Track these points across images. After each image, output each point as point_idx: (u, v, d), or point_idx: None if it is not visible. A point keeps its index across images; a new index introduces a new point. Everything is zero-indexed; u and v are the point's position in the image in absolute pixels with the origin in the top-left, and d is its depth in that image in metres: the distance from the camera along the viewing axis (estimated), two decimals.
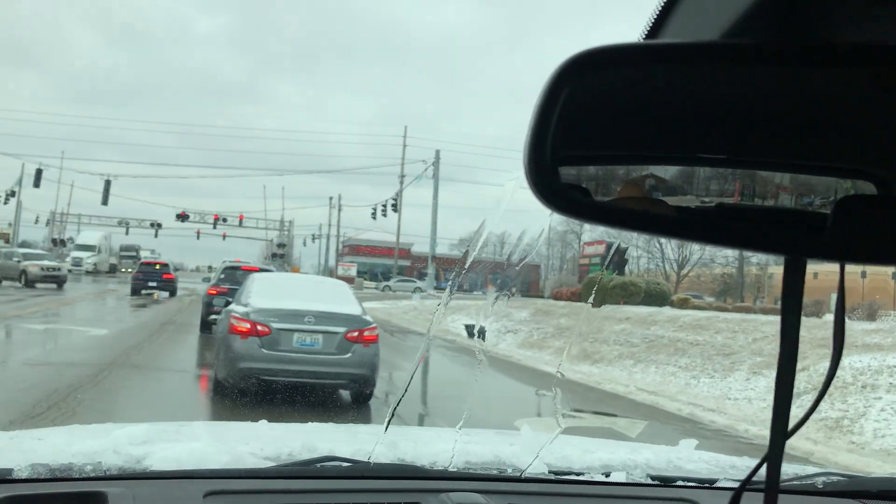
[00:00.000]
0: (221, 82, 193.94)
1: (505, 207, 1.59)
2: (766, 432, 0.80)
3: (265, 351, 8.59)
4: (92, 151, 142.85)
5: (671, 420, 9.99)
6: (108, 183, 50.95)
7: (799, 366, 0.82)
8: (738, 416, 10.89)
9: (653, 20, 0.81)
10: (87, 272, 55.96)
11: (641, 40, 0.83)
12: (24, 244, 60.52)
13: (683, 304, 32.15)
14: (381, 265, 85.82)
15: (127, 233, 76.36)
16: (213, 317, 15.66)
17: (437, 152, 44.44)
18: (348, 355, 8.84)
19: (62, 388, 8.76)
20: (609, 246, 40.76)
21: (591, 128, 0.81)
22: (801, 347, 0.80)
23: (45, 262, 36.37)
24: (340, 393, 9.52)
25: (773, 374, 0.78)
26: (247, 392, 8.47)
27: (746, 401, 12.99)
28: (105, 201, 51.78)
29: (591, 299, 8.33)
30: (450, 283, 1.93)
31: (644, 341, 20.67)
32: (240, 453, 1.76)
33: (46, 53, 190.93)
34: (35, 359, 11.49)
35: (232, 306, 9.58)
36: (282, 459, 1.79)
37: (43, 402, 7.87)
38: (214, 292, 17.06)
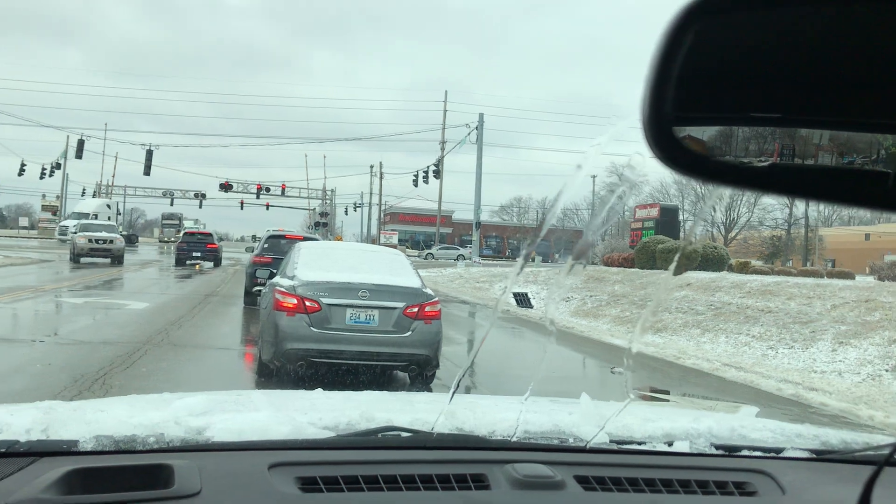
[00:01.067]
0: (256, 53, 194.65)
1: (585, 173, 1.43)
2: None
3: (314, 330, 7.61)
4: (133, 123, 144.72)
5: (773, 402, 8.80)
6: (149, 153, 50.61)
7: None
8: (850, 396, 9.64)
9: None
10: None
11: None
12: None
13: (743, 268, 30.63)
14: (422, 233, 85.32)
15: (172, 203, 76.86)
16: (258, 288, 14.93)
17: (481, 115, 42.96)
18: (408, 334, 7.81)
19: (90, 373, 7.91)
20: (662, 208, 39.18)
21: (712, 82, 0.77)
22: None
23: (96, 234, 32.40)
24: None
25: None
26: (296, 373, 7.56)
27: (836, 374, 11.72)
28: (147, 171, 51.50)
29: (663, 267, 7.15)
30: (524, 252, 1.58)
31: (709, 309, 19.40)
32: (300, 423, 1.73)
33: (85, 29, 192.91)
34: (66, 336, 10.71)
35: (277, 279, 8.61)
36: (340, 429, 1.77)
37: (68, 389, 7.01)
38: (258, 262, 16.30)
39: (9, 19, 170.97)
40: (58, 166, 58.45)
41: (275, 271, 9.70)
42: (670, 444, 1.90)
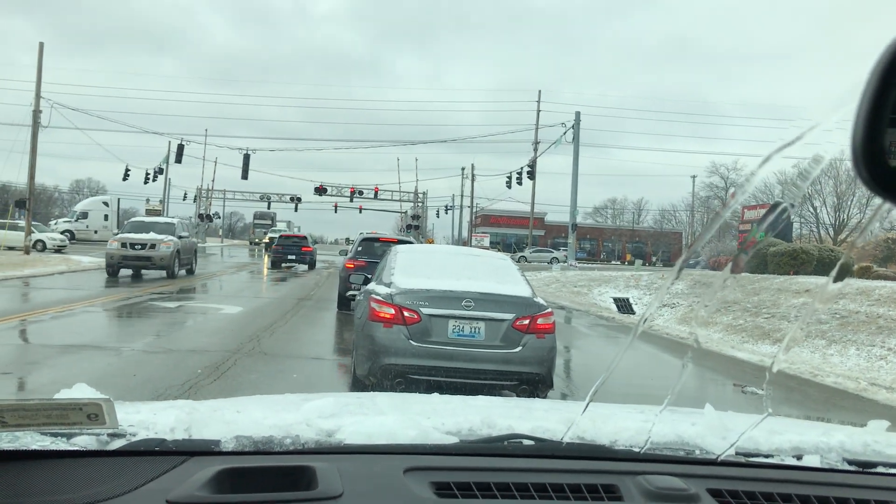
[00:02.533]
0: (344, 57, 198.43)
1: (758, 180, 1.35)
2: None
3: (414, 343, 6.82)
4: (230, 129, 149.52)
5: None
6: (246, 157, 51.43)
7: None
8: None
9: None
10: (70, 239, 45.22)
11: None
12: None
13: (865, 273, 28.35)
14: (513, 235, 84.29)
15: (269, 207, 78.50)
16: (351, 293, 14.40)
17: (577, 114, 41.57)
18: (518, 349, 6.92)
19: (176, 385, 7.37)
20: (773, 208, 36.82)
21: None
22: None
23: (134, 236, 23.32)
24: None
25: None
26: (393, 391, 6.78)
27: None
28: (245, 175, 52.36)
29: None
30: (682, 259, 1.55)
31: (834, 317, 17.72)
32: (425, 428, 1.75)
33: (182, 38, 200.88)
34: (154, 345, 10.31)
35: (372, 285, 7.87)
36: (462, 434, 1.78)
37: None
38: (352, 266, 15.77)
39: (109, 31, 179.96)
40: (160, 171, 60.25)
41: (369, 276, 9.00)
42: (799, 458, 1.83)
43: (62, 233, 45.09)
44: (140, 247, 23.24)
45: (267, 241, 61.73)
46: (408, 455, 1.64)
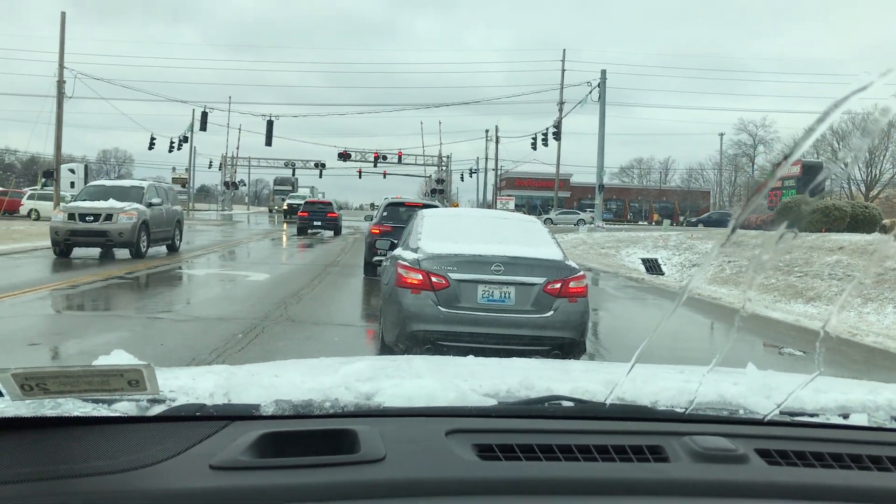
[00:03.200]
0: (362, 21, 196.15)
1: (820, 132, 1.22)
2: None
3: (442, 309, 6.67)
4: (251, 96, 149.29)
5: None
6: (270, 123, 51.29)
7: None
8: None
9: None
10: None
11: None
12: (201, 189, 63.05)
13: None
14: (539, 197, 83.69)
15: (293, 174, 78.63)
16: (377, 258, 14.33)
17: (603, 72, 40.71)
18: (550, 314, 6.75)
19: (203, 356, 7.31)
20: (805, 165, 36.07)
21: None
22: None
23: (84, 206, 18.29)
24: None
25: None
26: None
27: None
28: (269, 142, 52.29)
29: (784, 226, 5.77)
30: (733, 224, 1.32)
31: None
32: (463, 391, 1.74)
33: (198, 4, 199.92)
34: (182, 312, 10.28)
35: (398, 251, 7.72)
36: (501, 396, 1.78)
37: None
38: (377, 231, 15.66)
39: (125, 1, 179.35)
40: (185, 140, 60.32)
41: (395, 241, 8.86)
42: (845, 417, 1.79)
43: (28, 198, 42.91)
44: (92, 218, 17.91)
45: (286, 207, 55.73)
46: (448, 417, 1.63)
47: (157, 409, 1.53)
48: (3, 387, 1.26)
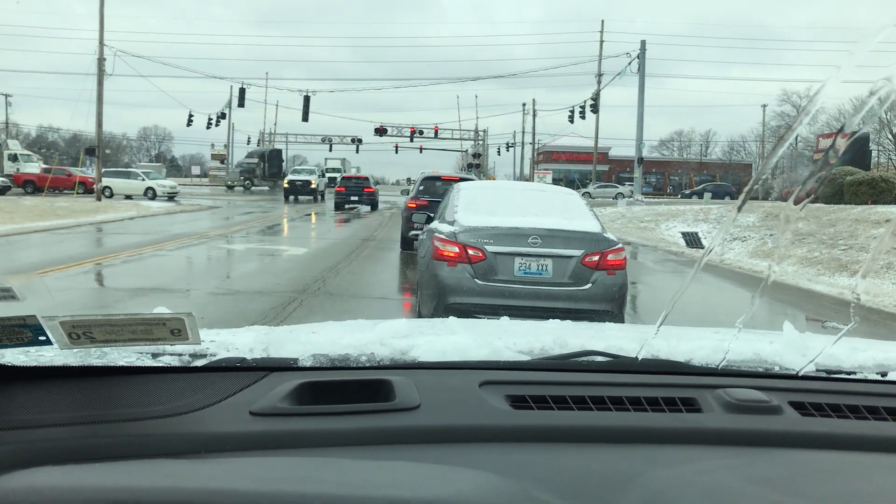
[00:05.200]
0: None
1: (819, 103, 1.28)
2: None
3: (479, 282, 6.65)
4: (285, 72, 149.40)
5: None
6: (307, 99, 51.45)
7: None
8: None
9: None
10: None
11: None
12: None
13: None
14: (576, 171, 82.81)
15: (331, 149, 78.73)
16: (414, 232, 14.35)
17: (643, 42, 40.03)
18: (587, 286, 6.69)
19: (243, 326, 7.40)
20: (852, 136, 35.05)
21: None
22: None
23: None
24: None
25: None
26: None
27: None
28: (305, 117, 52.49)
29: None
30: (747, 190, 1.40)
31: None
32: (497, 347, 1.78)
33: None
34: (221, 286, 10.40)
35: (435, 224, 7.70)
36: (535, 353, 1.80)
37: None
38: (414, 206, 15.66)
39: None
40: (223, 116, 60.86)
41: (431, 215, 8.83)
42: (884, 375, 1.78)
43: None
44: None
45: (286, 185, 45.61)
46: (482, 370, 1.66)
47: (198, 362, 1.59)
48: (51, 334, 1.30)
